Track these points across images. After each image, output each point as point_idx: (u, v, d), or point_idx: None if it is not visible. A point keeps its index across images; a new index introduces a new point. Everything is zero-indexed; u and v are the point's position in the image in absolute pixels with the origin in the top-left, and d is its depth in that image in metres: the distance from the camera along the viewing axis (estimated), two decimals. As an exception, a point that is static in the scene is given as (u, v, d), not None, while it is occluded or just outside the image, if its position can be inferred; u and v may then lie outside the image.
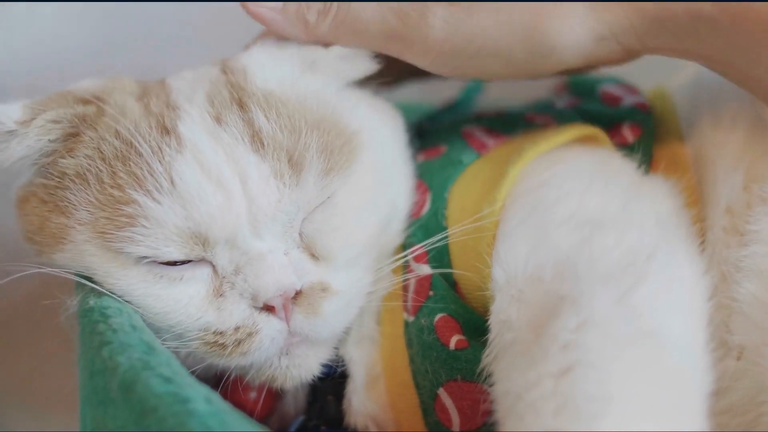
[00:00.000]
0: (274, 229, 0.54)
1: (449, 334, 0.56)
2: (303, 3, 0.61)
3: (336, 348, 0.59)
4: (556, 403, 0.42)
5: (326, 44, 0.61)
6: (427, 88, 0.77)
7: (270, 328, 0.54)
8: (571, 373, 0.43)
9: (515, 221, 0.56)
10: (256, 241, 0.54)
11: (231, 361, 0.54)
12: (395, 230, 0.61)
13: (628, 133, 0.66)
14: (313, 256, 0.56)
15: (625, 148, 0.64)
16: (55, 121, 0.55)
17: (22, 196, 0.58)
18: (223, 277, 0.54)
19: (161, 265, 0.54)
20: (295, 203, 0.54)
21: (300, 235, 0.56)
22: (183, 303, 0.54)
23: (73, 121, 0.55)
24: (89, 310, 0.53)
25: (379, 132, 0.62)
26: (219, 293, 0.54)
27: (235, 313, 0.54)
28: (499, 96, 0.83)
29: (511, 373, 0.47)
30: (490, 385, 0.50)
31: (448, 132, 0.69)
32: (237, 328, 0.54)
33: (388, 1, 0.59)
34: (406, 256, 0.59)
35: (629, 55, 0.60)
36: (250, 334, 0.53)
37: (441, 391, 0.55)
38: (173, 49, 0.65)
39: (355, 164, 0.57)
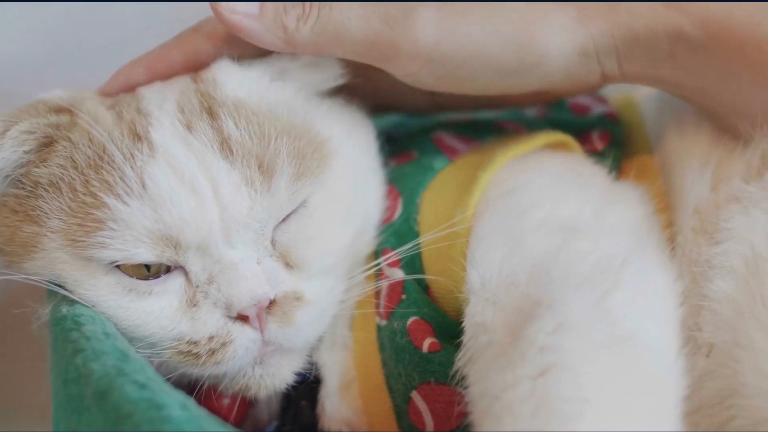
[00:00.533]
0: (245, 237, 0.54)
1: (422, 337, 0.56)
2: (280, 6, 0.58)
3: (309, 355, 0.59)
4: (533, 405, 0.43)
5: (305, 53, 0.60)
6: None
7: (244, 337, 0.54)
8: (547, 375, 0.44)
9: (489, 226, 0.57)
10: (229, 250, 0.54)
11: (205, 370, 0.54)
12: (367, 238, 0.61)
13: (598, 141, 0.68)
14: (287, 264, 0.56)
15: (595, 155, 0.65)
16: (29, 132, 0.55)
17: None
18: (197, 287, 0.54)
19: (131, 278, 0.54)
20: (266, 210, 0.54)
21: (273, 243, 0.56)
22: (154, 315, 0.54)
23: (46, 131, 0.55)
24: (62, 318, 0.53)
25: (351, 140, 0.62)
26: (192, 303, 0.54)
27: (209, 322, 0.54)
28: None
29: (488, 375, 0.47)
30: (465, 387, 0.50)
31: (418, 138, 0.70)
32: (211, 338, 0.54)
33: (372, 0, 0.57)
34: (378, 264, 0.60)
35: (603, 80, 0.61)
36: (224, 344, 0.54)
37: (414, 394, 0.56)
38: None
39: (327, 171, 0.58)
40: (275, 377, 0.57)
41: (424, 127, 0.73)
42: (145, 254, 0.52)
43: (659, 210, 0.60)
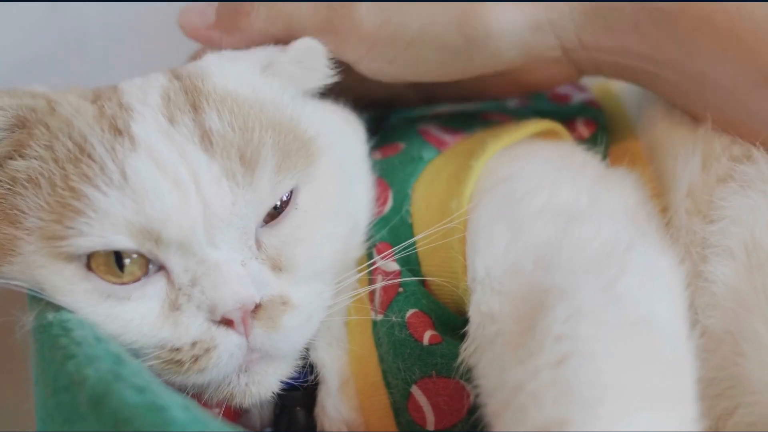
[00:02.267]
0: (229, 236, 0.52)
1: (422, 329, 0.55)
2: (231, 9, 0.61)
3: (304, 357, 0.58)
4: (555, 392, 0.43)
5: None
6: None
7: (228, 342, 0.52)
8: (566, 362, 0.44)
9: (488, 215, 0.56)
10: (212, 250, 0.52)
11: (188, 378, 0.52)
12: (357, 242, 0.60)
13: (583, 129, 0.68)
14: (274, 267, 0.54)
15: (582, 143, 0.65)
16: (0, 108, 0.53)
17: None
18: (179, 289, 0.52)
19: (108, 283, 0.52)
20: (249, 205, 0.52)
21: (260, 245, 0.54)
22: (135, 322, 0.52)
23: (20, 110, 0.53)
24: (48, 325, 0.50)
25: (340, 140, 0.61)
26: (175, 306, 0.52)
27: (192, 327, 0.52)
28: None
29: (504, 366, 0.47)
30: (472, 379, 0.50)
31: (402, 130, 0.69)
32: (194, 344, 0.52)
33: None
34: (370, 264, 0.59)
35: (565, 54, 0.60)
36: (207, 350, 0.52)
37: (414, 389, 0.55)
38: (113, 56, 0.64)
39: (313, 169, 0.57)
40: (261, 385, 0.55)
41: (406, 120, 0.73)
42: (125, 241, 0.50)
43: (653, 195, 0.60)
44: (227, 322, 0.52)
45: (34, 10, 0.77)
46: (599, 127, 0.68)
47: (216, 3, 0.62)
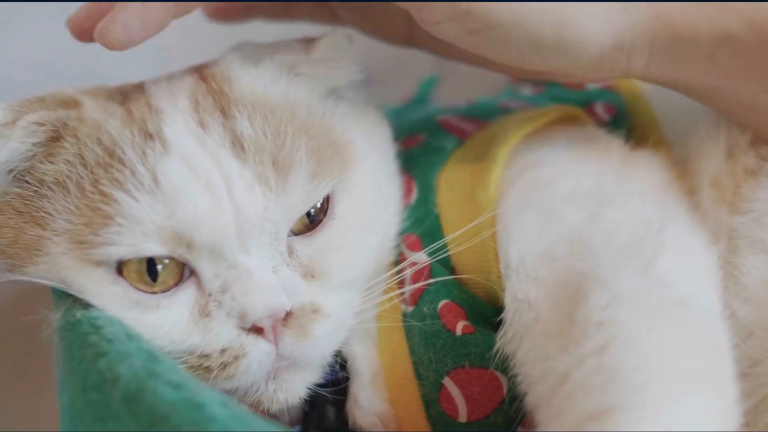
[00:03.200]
0: (260, 242, 0.52)
1: (454, 320, 0.55)
2: None
3: (336, 353, 0.57)
4: (601, 379, 0.43)
5: None
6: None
7: (258, 350, 0.51)
8: (609, 348, 0.44)
9: (518, 202, 0.56)
10: (244, 256, 0.51)
11: (216, 385, 0.52)
12: (387, 249, 0.59)
13: (603, 113, 0.67)
14: (306, 275, 0.54)
15: (602, 126, 0.65)
16: (39, 123, 0.52)
17: None
18: (209, 295, 0.52)
19: (137, 291, 0.51)
20: (281, 210, 0.52)
21: (292, 253, 0.54)
22: (165, 329, 0.51)
23: (55, 125, 0.53)
24: (77, 322, 0.50)
25: (372, 145, 0.60)
26: (205, 313, 0.51)
27: (221, 334, 0.51)
28: (455, 96, 0.83)
29: (548, 354, 0.47)
30: (505, 369, 0.50)
31: (421, 122, 0.68)
32: (223, 351, 0.51)
33: None
34: (400, 272, 0.58)
35: (621, 76, 0.58)
36: (236, 357, 0.51)
37: (447, 380, 0.54)
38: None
39: (349, 176, 0.56)
40: (288, 392, 0.54)
41: (424, 114, 0.72)
42: (156, 248, 0.50)
43: (679, 177, 0.60)
44: (257, 330, 0.51)
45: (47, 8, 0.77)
46: (619, 111, 0.67)
47: None
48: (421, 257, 0.57)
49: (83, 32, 0.57)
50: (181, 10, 0.55)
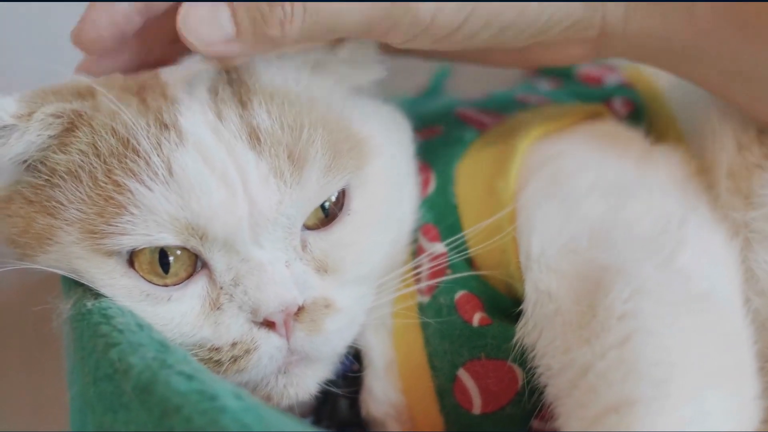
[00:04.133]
0: (274, 236, 0.51)
1: (471, 311, 0.54)
2: (257, 14, 0.51)
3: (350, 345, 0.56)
4: (622, 372, 0.42)
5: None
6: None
7: (269, 345, 0.51)
8: (631, 341, 0.44)
9: (539, 194, 0.55)
10: (257, 249, 0.51)
11: (226, 378, 0.51)
12: (402, 246, 0.59)
13: (621, 108, 0.67)
14: (319, 269, 0.53)
15: (621, 121, 0.64)
16: (55, 116, 0.51)
17: (5, 196, 0.54)
18: (221, 288, 0.51)
19: (148, 283, 0.51)
20: (296, 204, 0.51)
21: (305, 247, 0.53)
22: (175, 321, 0.51)
23: (71, 116, 0.52)
24: (87, 312, 0.49)
25: (390, 142, 0.59)
26: (216, 306, 0.51)
27: (232, 327, 0.51)
28: (468, 87, 0.82)
29: (569, 346, 0.47)
30: (522, 361, 0.50)
31: (439, 115, 0.68)
32: (234, 344, 0.51)
33: None
34: (418, 268, 0.57)
35: (598, 38, 0.57)
36: (247, 351, 0.51)
37: (461, 372, 0.54)
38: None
39: (365, 171, 0.55)
40: (299, 387, 0.54)
41: (441, 106, 0.71)
42: (170, 238, 0.49)
43: (698, 172, 0.59)
44: (269, 324, 0.51)
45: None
46: (636, 107, 0.67)
47: (226, 3, 0.51)
48: (439, 248, 0.57)
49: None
50: (149, 6, 0.55)
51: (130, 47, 0.58)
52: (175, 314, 0.51)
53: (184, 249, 0.51)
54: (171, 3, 0.56)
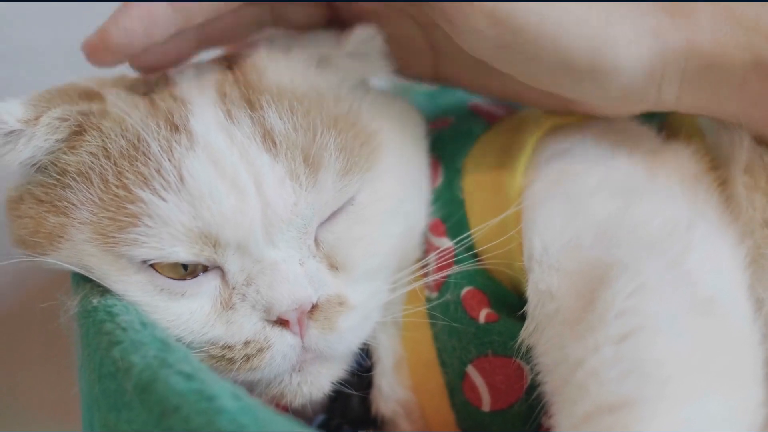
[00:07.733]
0: (288, 235, 0.51)
1: (478, 307, 0.54)
2: None
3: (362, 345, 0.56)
4: (620, 370, 0.41)
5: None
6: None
7: (283, 343, 0.51)
8: (631, 338, 0.42)
9: (544, 191, 0.54)
10: (270, 249, 0.50)
11: (238, 376, 0.51)
12: (414, 243, 0.58)
13: None
14: (331, 266, 0.53)
15: (634, 117, 0.62)
16: (62, 119, 0.51)
17: (15, 197, 0.54)
18: (233, 288, 0.51)
19: (164, 278, 0.50)
20: (311, 206, 0.51)
21: (317, 243, 0.53)
22: (184, 318, 0.50)
23: (78, 119, 0.52)
24: (93, 309, 0.49)
25: (400, 135, 0.58)
26: (228, 305, 0.51)
27: (245, 326, 0.50)
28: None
29: (563, 341, 0.46)
30: (529, 359, 0.49)
31: (452, 107, 0.67)
32: (247, 343, 0.50)
33: None
34: (427, 264, 0.57)
35: (646, 108, 0.56)
36: (260, 350, 0.50)
37: (470, 369, 0.53)
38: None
39: (376, 166, 0.54)
40: (313, 386, 0.53)
41: (458, 98, 0.70)
42: (182, 253, 0.49)
43: (711, 168, 0.58)
44: (282, 323, 0.50)
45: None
46: None
47: None
48: (446, 243, 0.56)
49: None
50: (186, 19, 0.54)
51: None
52: (185, 310, 0.51)
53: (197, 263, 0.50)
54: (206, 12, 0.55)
